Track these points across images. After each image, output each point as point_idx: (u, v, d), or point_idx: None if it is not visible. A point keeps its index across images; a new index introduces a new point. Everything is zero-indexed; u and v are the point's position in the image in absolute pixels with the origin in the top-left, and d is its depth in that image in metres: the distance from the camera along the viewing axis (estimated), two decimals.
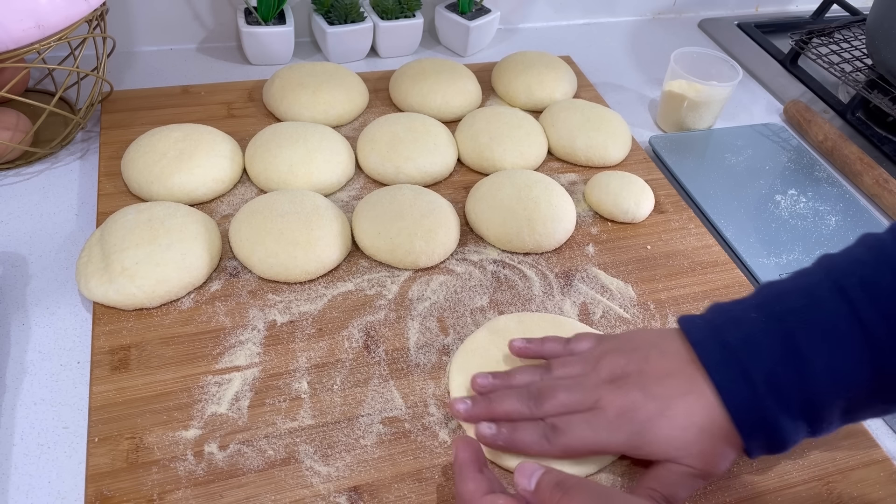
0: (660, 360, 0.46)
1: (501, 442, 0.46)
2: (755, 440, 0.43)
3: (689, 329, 0.46)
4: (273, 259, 0.56)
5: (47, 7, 0.57)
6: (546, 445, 0.46)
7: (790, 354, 0.42)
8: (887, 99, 0.84)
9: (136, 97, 0.74)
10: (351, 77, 0.77)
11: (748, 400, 0.42)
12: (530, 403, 0.47)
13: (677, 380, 0.45)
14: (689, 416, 0.44)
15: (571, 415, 0.46)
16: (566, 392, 0.46)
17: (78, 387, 0.51)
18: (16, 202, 0.64)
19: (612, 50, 0.98)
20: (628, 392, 0.45)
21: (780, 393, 0.42)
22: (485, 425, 0.47)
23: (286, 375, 0.51)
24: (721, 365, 0.44)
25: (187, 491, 0.44)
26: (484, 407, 0.48)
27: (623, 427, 0.44)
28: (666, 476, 0.44)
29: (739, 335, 0.44)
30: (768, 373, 0.42)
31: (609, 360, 0.47)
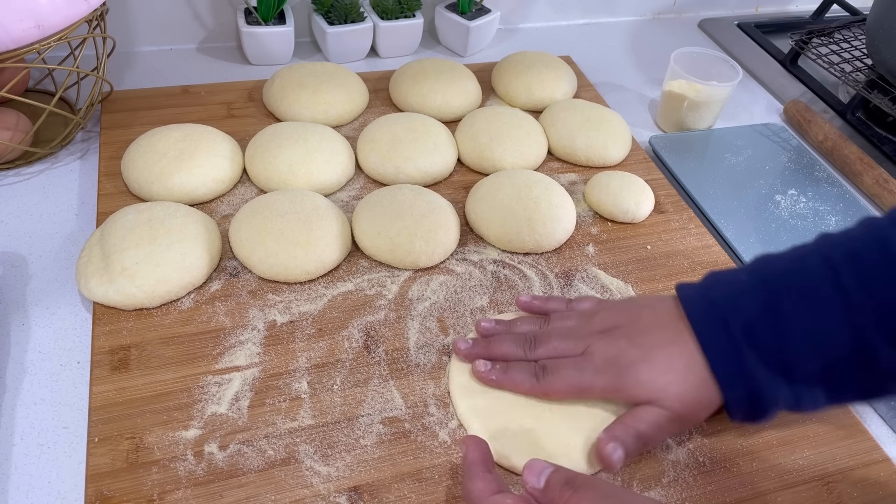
0: (650, 316, 0.49)
1: (494, 377, 0.50)
2: (733, 392, 0.45)
3: (681, 289, 0.49)
4: (273, 259, 0.56)
5: (47, 7, 0.57)
6: (535, 383, 0.49)
7: (770, 311, 0.44)
8: (887, 99, 0.84)
9: (136, 97, 0.74)
10: (351, 77, 0.77)
11: (725, 348, 0.45)
12: (525, 346, 0.51)
13: (663, 332, 0.48)
14: (670, 362, 0.46)
15: (561, 358, 0.49)
16: (559, 339, 0.50)
17: (78, 387, 0.51)
18: (16, 202, 0.64)
19: (612, 50, 0.98)
20: (615, 341, 0.48)
21: (757, 345, 0.44)
22: (481, 362, 0.50)
23: (286, 375, 0.51)
24: (703, 315, 0.47)
25: (187, 491, 0.44)
26: (483, 347, 0.52)
27: (608, 371, 0.47)
28: (642, 414, 0.46)
29: (725, 292, 0.47)
30: (746, 325, 0.45)
31: (603, 316, 0.51)
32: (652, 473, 0.48)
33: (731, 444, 0.51)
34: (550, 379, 0.48)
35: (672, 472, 0.48)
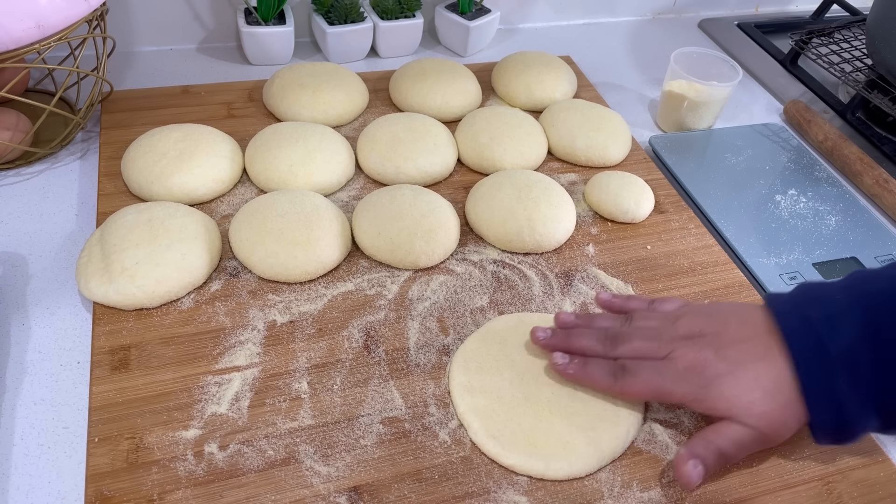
0: (739, 327, 0.47)
1: (572, 371, 0.49)
2: (822, 416, 0.43)
3: (772, 301, 0.47)
4: (273, 259, 0.56)
5: (47, 7, 0.57)
6: (612, 382, 0.48)
7: (869, 335, 0.42)
8: (887, 99, 0.84)
9: (136, 97, 0.74)
10: (351, 77, 0.77)
11: (821, 372, 0.43)
12: (606, 343, 0.49)
13: (752, 345, 0.46)
14: (757, 380, 0.44)
15: (642, 360, 0.48)
16: (641, 339, 0.48)
17: (78, 387, 0.51)
18: (16, 202, 0.64)
19: (612, 50, 0.98)
20: (701, 349, 0.46)
21: (856, 371, 0.42)
22: (559, 354, 0.50)
23: (286, 375, 0.51)
24: (798, 333, 0.44)
25: (187, 491, 0.44)
26: (562, 339, 0.51)
27: (690, 379, 0.46)
28: (725, 430, 0.45)
29: (822, 310, 0.45)
30: (845, 348, 0.42)
31: (688, 320, 0.49)
32: (652, 473, 0.48)
33: None
34: (629, 379, 0.47)
35: (672, 471, 0.48)
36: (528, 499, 0.46)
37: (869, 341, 0.42)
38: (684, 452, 0.45)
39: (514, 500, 0.46)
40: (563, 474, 0.47)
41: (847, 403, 0.43)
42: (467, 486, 0.46)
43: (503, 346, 0.53)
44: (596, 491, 0.47)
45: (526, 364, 0.52)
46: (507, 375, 0.51)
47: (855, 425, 0.43)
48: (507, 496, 0.46)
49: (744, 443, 0.45)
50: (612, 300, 0.54)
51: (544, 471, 0.47)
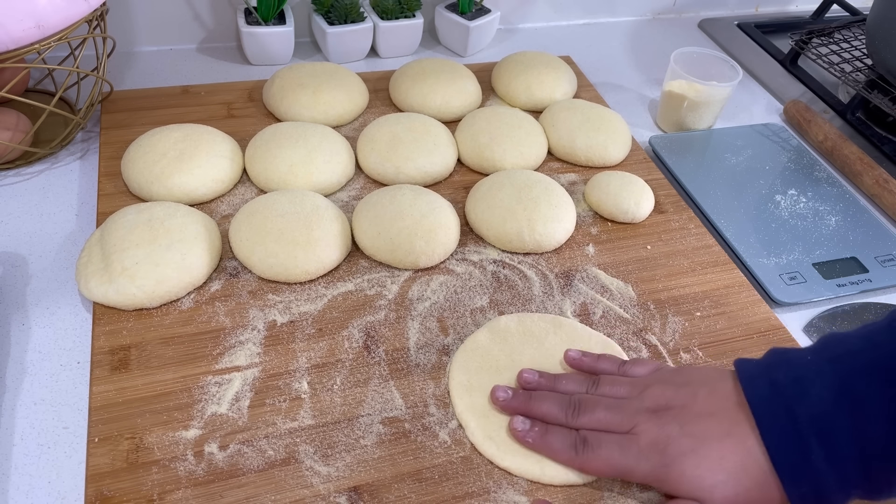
0: (706, 399, 0.45)
1: (530, 439, 0.47)
2: (798, 489, 0.40)
3: (741, 367, 0.45)
4: (273, 259, 0.56)
5: (47, 7, 0.57)
6: (573, 455, 0.46)
7: (843, 396, 0.40)
8: (887, 99, 0.84)
9: (136, 97, 0.74)
10: (351, 77, 0.77)
11: (792, 442, 0.40)
12: (569, 411, 0.47)
13: (719, 421, 0.43)
14: (722, 460, 0.42)
15: (605, 433, 0.46)
16: (606, 410, 0.46)
17: (78, 387, 0.51)
18: (16, 202, 0.64)
19: (612, 50, 0.98)
20: (666, 424, 0.44)
21: (830, 437, 0.39)
22: (519, 419, 0.48)
23: (286, 375, 0.51)
24: (765, 399, 0.42)
25: (187, 491, 0.44)
26: (523, 402, 0.49)
27: (652, 457, 0.44)
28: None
29: (790, 374, 0.42)
30: (817, 415, 0.40)
31: (656, 390, 0.47)
32: None
33: None
34: (590, 455, 0.45)
35: None
36: (528, 499, 0.46)
37: (843, 404, 0.40)
38: None
39: (513, 501, 0.46)
40: (560, 480, 0.47)
41: (824, 475, 0.39)
42: (467, 486, 0.46)
43: (503, 346, 0.53)
44: (595, 491, 0.47)
45: (525, 364, 0.52)
46: (506, 375, 0.51)
47: (837, 497, 0.40)
48: (506, 496, 0.46)
49: None
50: (582, 359, 0.52)
51: (539, 475, 0.47)
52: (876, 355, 0.41)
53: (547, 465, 0.47)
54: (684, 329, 0.58)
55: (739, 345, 0.58)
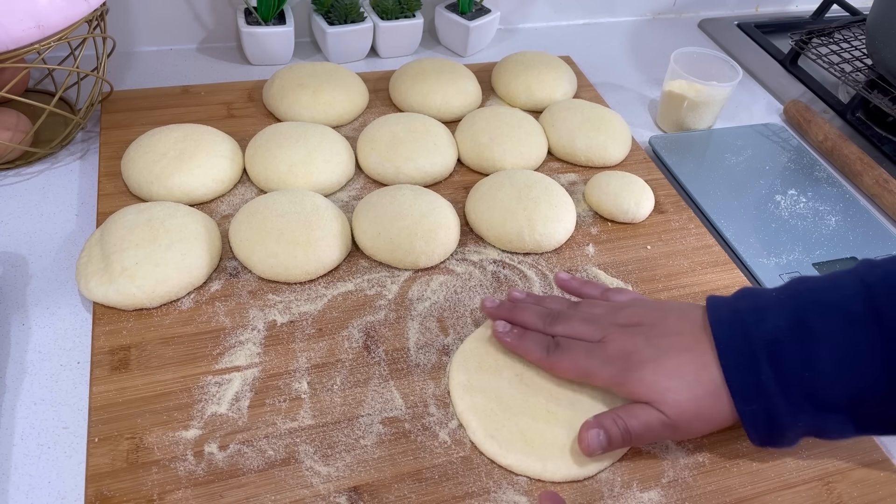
0: (676, 321, 0.48)
1: (509, 339, 0.51)
2: (748, 406, 0.43)
3: (710, 299, 0.48)
4: (273, 259, 0.56)
5: (47, 7, 0.57)
6: (544, 356, 0.49)
7: (796, 325, 0.43)
8: (887, 99, 0.84)
9: (136, 97, 0.74)
10: (351, 77, 0.77)
11: (745, 360, 0.43)
12: (546, 320, 0.51)
13: (683, 338, 0.47)
14: (679, 368, 0.45)
15: (576, 340, 0.49)
16: (580, 322, 0.50)
17: (78, 387, 0.51)
18: (16, 202, 0.64)
19: (612, 50, 0.98)
20: (633, 336, 0.48)
21: (781, 361, 0.42)
22: (500, 323, 0.52)
23: (286, 375, 0.51)
24: (724, 322, 0.45)
25: (187, 491, 0.44)
26: (507, 311, 0.53)
27: (616, 363, 0.47)
28: (637, 411, 0.46)
29: (753, 304, 0.46)
30: (771, 339, 0.43)
31: (631, 311, 0.50)
32: (652, 473, 0.48)
33: (731, 445, 0.51)
34: (559, 356, 0.49)
35: (672, 471, 0.48)
36: (528, 499, 0.46)
37: (795, 330, 0.42)
38: (591, 421, 0.46)
39: (514, 500, 0.46)
40: (560, 476, 0.47)
41: (773, 396, 0.42)
42: (467, 486, 0.46)
43: (503, 346, 0.53)
44: (596, 491, 0.47)
45: (525, 364, 0.52)
46: (506, 375, 0.51)
47: (784, 421, 0.43)
48: (507, 496, 0.46)
49: (652, 427, 0.45)
50: (570, 281, 0.56)
51: (541, 472, 0.47)
52: (836, 296, 0.43)
53: (549, 461, 0.47)
54: None
55: None
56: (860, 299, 0.42)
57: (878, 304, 0.41)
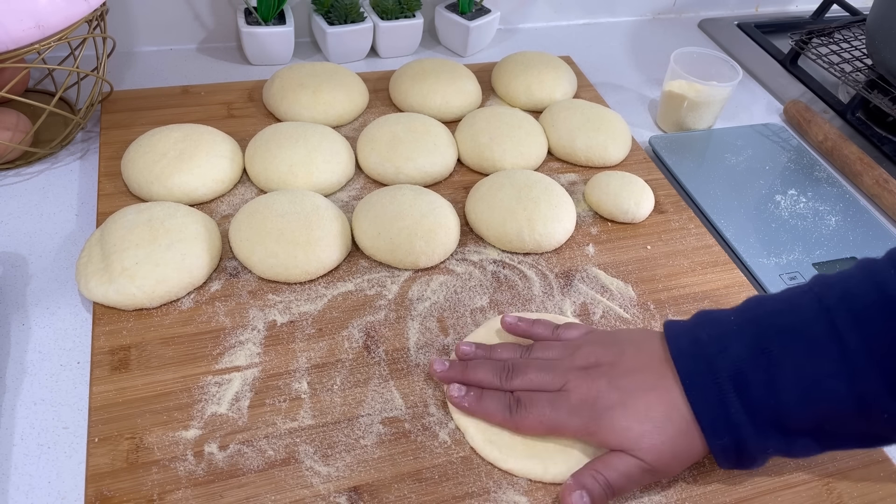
0: (634, 356, 0.47)
1: (467, 404, 0.48)
2: (718, 440, 0.43)
3: (668, 328, 0.47)
4: (273, 259, 0.56)
5: (47, 7, 0.57)
6: (507, 416, 0.47)
7: (758, 353, 0.42)
8: (887, 99, 0.84)
9: (136, 97, 0.74)
10: (351, 77, 0.77)
11: (712, 395, 0.43)
12: (502, 375, 0.49)
13: (646, 375, 0.46)
14: (648, 410, 0.44)
15: (537, 393, 0.47)
16: (537, 371, 0.48)
17: (78, 387, 0.51)
18: (16, 202, 0.64)
19: (612, 50, 0.98)
20: (595, 380, 0.46)
21: (747, 392, 0.42)
22: (455, 387, 0.49)
23: (286, 375, 0.51)
24: (687, 355, 0.45)
25: (187, 491, 0.44)
26: (459, 371, 0.50)
27: (583, 412, 0.45)
28: (614, 462, 0.44)
29: (712, 332, 0.45)
30: (734, 369, 0.42)
31: (586, 351, 0.48)
32: None
33: None
34: (524, 413, 0.47)
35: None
36: (528, 499, 0.46)
37: (758, 358, 0.42)
38: (571, 482, 0.44)
39: (514, 501, 0.46)
40: (563, 478, 0.47)
41: (742, 427, 0.42)
42: (467, 486, 0.46)
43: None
44: None
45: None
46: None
47: (753, 449, 0.43)
48: (506, 496, 0.46)
49: (632, 475, 0.44)
50: (517, 324, 0.53)
51: (542, 474, 0.47)
52: (795, 320, 0.43)
53: (550, 464, 0.47)
54: None
55: None
56: (820, 323, 0.41)
57: (838, 328, 0.41)
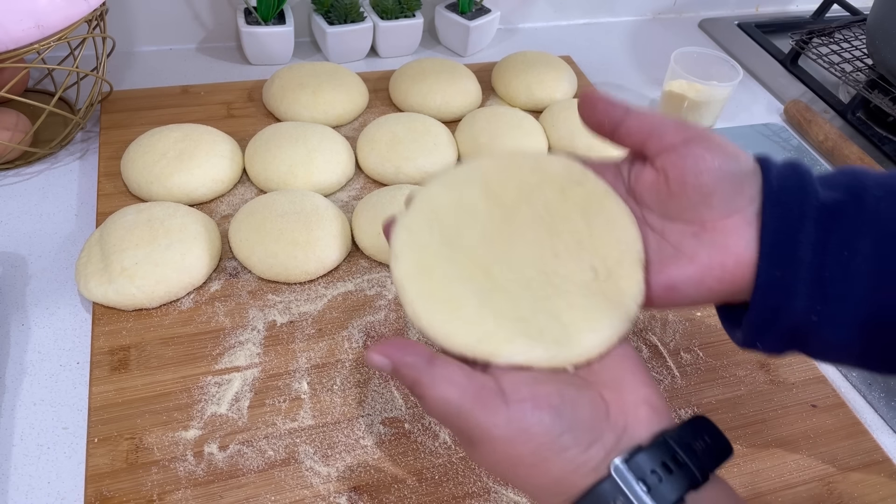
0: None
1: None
2: (776, 272, 0.33)
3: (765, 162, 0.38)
4: (273, 259, 0.56)
5: (47, 7, 0.56)
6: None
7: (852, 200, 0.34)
8: (888, 99, 0.84)
9: (135, 97, 0.74)
10: (351, 77, 0.77)
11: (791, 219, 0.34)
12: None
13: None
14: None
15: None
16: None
17: (77, 387, 0.51)
18: (15, 202, 0.64)
19: (612, 50, 0.98)
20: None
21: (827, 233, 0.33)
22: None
23: (286, 376, 0.51)
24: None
25: (187, 491, 0.44)
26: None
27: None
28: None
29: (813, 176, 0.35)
30: (822, 206, 0.34)
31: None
32: None
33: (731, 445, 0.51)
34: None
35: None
36: (528, 499, 0.46)
37: (850, 206, 0.34)
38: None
39: (513, 500, 0.46)
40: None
41: (804, 264, 0.33)
42: (467, 486, 0.46)
43: (473, 205, 0.37)
44: None
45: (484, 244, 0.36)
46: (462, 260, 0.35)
47: (801, 309, 0.33)
48: (507, 496, 0.46)
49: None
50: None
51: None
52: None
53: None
54: (685, 329, 0.58)
55: None
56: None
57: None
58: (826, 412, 0.54)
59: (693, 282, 0.35)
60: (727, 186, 0.35)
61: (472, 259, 0.35)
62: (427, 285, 0.34)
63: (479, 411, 0.32)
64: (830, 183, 0.35)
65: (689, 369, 0.55)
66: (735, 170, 0.35)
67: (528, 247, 0.36)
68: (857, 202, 0.34)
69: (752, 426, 0.52)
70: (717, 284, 0.35)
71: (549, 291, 0.35)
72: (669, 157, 0.36)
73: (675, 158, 0.35)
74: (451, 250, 0.35)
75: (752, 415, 0.53)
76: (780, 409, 0.54)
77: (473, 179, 0.38)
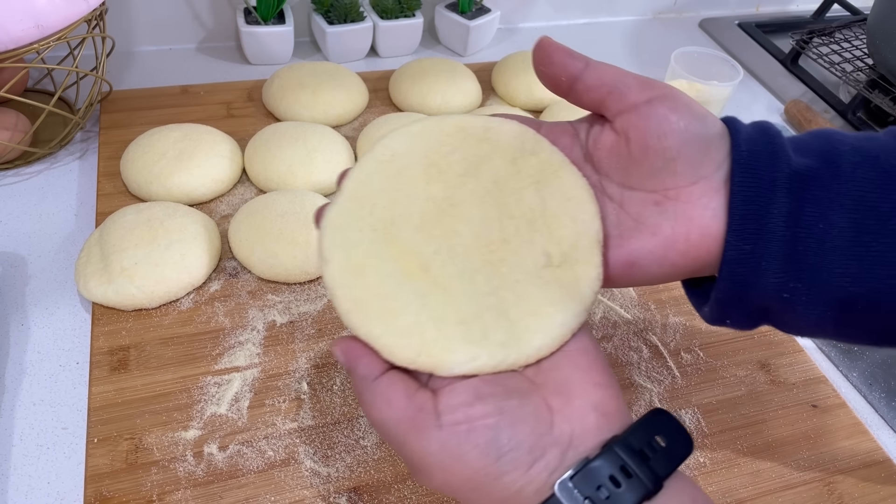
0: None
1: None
2: (739, 246, 0.31)
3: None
4: (273, 259, 0.56)
5: (47, 7, 0.56)
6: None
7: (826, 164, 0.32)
8: (888, 99, 0.84)
9: (135, 97, 0.74)
10: (351, 77, 0.76)
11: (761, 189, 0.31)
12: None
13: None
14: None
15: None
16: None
17: (77, 387, 0.51)
18: (15, 202, 0.64)
19: (613, 50, 0.98)
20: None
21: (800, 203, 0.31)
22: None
23: (286, 376, 0.51)
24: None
25: (187, 492, 0.44)
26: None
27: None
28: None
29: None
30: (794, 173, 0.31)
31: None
32: None
33: (731, 445, 0.51)
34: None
35: None
36: None
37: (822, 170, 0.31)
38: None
39: None
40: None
41: (775, 239, 0.31)
42: None
43: (409, 182, 0.34)
44: None
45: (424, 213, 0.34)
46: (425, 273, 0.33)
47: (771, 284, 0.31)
48: None
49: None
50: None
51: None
52: (873, 146, 0.32)
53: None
54: (685, 329, 0.58)
55: (741, 345, 0.58)
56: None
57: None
58: (826, 412, 0.53)
59: (655, 257, 0.33)
60: (693, 150, 0.32)
61: (410, 253, 0.32)
62: (360, 291, 0.32)
63: (414, 437, 0.30)
64: (803, 148, 0.33)
65: (689, 369, 0.55)
66: (702, 132, 0.32)
67: (473, 232, 0.33)
68: (833, 169, 0.31)
69: (752, 426, 0.52)
70: (681, 259, 0.32)
71: (495, 283, 0.33)
72: (630, 117, 0.33)
73: (637, 119, 0.32)
74: (385, 246, 0.32)
75: (753, 415, 0.53)
76: (780, 409, 0.54)
77: (414, 151, 0.35)
